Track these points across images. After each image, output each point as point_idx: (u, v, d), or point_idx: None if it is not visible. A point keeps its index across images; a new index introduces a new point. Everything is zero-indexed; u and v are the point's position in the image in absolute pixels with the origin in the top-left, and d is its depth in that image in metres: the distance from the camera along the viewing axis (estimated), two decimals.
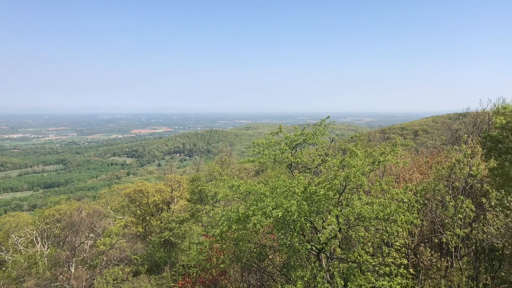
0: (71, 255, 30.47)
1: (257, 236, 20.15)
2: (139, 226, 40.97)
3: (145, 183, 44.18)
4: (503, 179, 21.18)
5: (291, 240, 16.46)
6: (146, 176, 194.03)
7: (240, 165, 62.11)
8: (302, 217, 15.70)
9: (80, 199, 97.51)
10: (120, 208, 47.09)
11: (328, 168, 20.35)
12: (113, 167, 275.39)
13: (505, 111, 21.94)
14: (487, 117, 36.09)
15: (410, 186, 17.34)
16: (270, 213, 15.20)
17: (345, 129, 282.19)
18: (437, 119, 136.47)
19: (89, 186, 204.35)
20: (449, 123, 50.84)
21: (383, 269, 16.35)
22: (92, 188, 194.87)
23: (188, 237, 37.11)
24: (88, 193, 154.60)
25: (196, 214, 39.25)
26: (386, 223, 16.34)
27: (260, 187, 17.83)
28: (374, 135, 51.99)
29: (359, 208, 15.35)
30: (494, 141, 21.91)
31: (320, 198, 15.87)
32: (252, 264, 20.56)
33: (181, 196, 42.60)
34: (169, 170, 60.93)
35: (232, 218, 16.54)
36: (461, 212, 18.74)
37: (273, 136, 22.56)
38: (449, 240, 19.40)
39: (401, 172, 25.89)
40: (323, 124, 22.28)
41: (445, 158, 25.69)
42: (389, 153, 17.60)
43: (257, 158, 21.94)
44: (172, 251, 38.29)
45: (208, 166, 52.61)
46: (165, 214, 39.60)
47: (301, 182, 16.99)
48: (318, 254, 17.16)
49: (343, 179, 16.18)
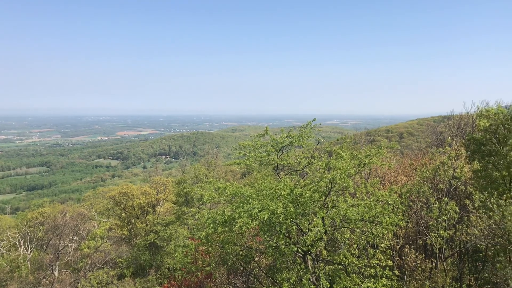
0: (55, 259, 30.07)
1: (243, 239, 20.09)
2: (124, 229, 40.60)
3: (130, 185, 43.86)
4: (486, 181, 21.48)
5: (277, 242, 16.44)
6: (132, 178, 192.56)
7: (227, 167, 62.02)
8: (288, 219, 15.70)
9: (64, 201, 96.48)
10: (105, 210, 46.62)
11: (314, 170, 20.40)
12: (98, 170, 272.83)
13: (488, 114, 22.26)
14: (471, 120, 36.52)
15: (395, 188, 17.47)
16: (256, 215, 15.17)
17: (331, 132, 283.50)
18: (422, 122, 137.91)
19: (73, 189, 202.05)
20: (433, 125, 51.38)
21: (368, 270, 16.44)
22: (76, 190, 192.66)
23: (174, 240, 36.92)
24: (72, 196, 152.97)
25: (182, 217, 39.06)
26: (371, 225, 16.43)
27: (246, 189, 17.79)
28: (360, 137, 52.35)
29: (345, 210, 15.40)
30: (477, 143, 22.21)
31: (306, 200, 15.90)
32: (238, 267, 20.50)
33: (166, 198, 42.36)
34: (154, 173, 60.65)
35: (218, 221, 16.48)
36: (445, 214, 18.92)
37: (259, 138, 22.54)
38: (433, 241, 19.57)
39: (386, 174, 26.08)
40: (309, 127, 22.35)
41: (430, 160, 25.93)
42: (374, 156, 17.71)
43: (243, 160, 21.91)
44: (158, 254, 38.06)
45: (194, 168, 52.40)
46: (151, 217, 39.33)
47: (287, 184, 17.00)
48: (304, 256, 17.17)
49: (329, 181, 16.22)
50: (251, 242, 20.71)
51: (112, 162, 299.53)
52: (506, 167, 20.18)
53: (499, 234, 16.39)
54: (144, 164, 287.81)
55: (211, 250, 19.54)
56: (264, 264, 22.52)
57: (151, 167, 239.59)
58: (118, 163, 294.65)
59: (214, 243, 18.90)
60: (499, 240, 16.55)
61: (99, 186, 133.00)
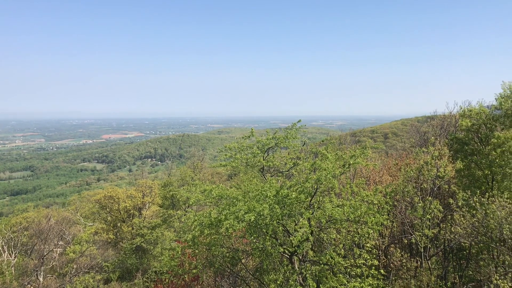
0: (40, 264, 29.72)
1: (229, 241, 20.08)
2: (110, 233, 40.30)
3: (115, 189, 43.53)
4: (469, 180, 21.80)
5: (264, 243, 16.47)
6: (117, 181, 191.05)
7: (213, 169, 61.89)
8: (275, 220, 15.74)
9: (49, 206, 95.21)
10: (90, 214, 46.24)
11: (299, 171, 20.49)
12: (83, 173, 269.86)
13: (470, 114, 22.60)
14: (453, 120, 37.01)
15: (380, 188, 17.60)
16: (243, 217, 15.17)
17: (317, 133, 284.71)
18: (406, 122, 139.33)
19: (58, 193, 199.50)
20: (417, 125, 51.90)
21: (354, 270, 16.55)
22: (61, 194, 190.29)
23: (160, 243, 36.75)
24: (57, 200, 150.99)
25: (168, 220, 38.92)
26: (357, 225, 16.56)
27: (233, 191, 17.81)
28: (345, 138, 52.61)
29: (330, 210, 15.47)
30: (460, 143, 22.54)
31: (292, 201, 15.95)
32: (225, 269, 20.47)
33: (152, 201, 42.15)
34: (140, 176, 60.31)
35: (205, 223, 16.45)
36: (430, 213, 19.13)
37: (245, 140, 22.59)
38: (418, 240, 19.77)
39: (371, 174, 26.28)
40: (294, 128, 22.46)
41: (414, 160, 26.20)
42: (359, 156, 17.84)
43: (229, 162, 21.93)
44: (144, 258, 37.83)
45: (180, 171, 52.25)
46: (137, 220, 39.08)
47: (273, 186, 17.05)
48: (291, 257, 17.23)
49: (314, 182, 16.30)
50: (238, 244, 20.72)
51: (97, 165, 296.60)
52: (488, 166, 20.50)
53: (482, 232, 16.65)
54: (130, 167, 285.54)
55: (197, 253, 19.49)
56: (251, 265, 22.54)
57: (136, 170, 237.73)
58: (103, 167, 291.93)
59: (201, 246, 18.85)
60: (482, 238, 16.80)
61: (84, 190, 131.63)
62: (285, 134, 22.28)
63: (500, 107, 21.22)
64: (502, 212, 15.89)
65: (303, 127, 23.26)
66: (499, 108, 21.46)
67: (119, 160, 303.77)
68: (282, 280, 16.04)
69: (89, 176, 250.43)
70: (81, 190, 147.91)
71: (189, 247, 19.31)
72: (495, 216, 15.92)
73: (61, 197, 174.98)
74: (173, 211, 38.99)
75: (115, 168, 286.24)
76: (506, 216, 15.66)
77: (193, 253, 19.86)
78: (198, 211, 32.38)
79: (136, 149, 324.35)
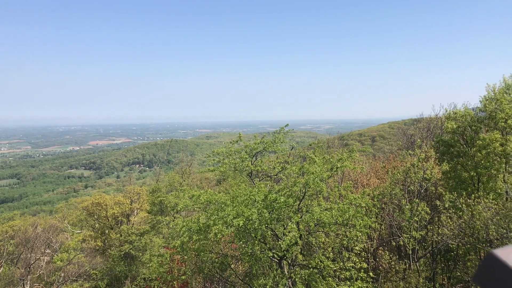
0: (26, 273, 29.29)
1: (218, 246, 20.03)
2: (98, 240, 39.90)
3: (103, 195, 43.14)
4: (455, 181, 22.02)
5: (253, 248, 16.45)
6: (105, 188, 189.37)
7: (201, 174, 61.71)
8: (263, 225, 15.73)
9: (36, 214, 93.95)
10: (78, 222, 45.74)
11: (288, 175, 20.51)
12: (70, 180, 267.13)
13: (456, 116, 22.86)
14: (440, 122, 37.36)
15: (367, 191, 17.69)
16: (231, 222, 15.14)
17: (305, 136, 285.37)
18: (393, 125, 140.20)
19: (45, 200, 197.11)
20: (404, 128, 52.39)
21: (344, 273, 16.60)
22: (48, 202, 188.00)
23: (149, 250, 36.46)
24: (44, 208, 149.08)
25: (157, 226, 38.66)
26: (345, 228, 16.61)
27: (221, 196, 17.76)
28: (333, 141, 52.83)
29: (319, 214, 15.51)
30: (446, 145, 22.78)
31: (280, 206, 15.96)
32: (214, 274, 20.39)
33: (141, 208, 41.85)
34: (128, 182, 59.88)
35: (193, 229, 16.38)
36: (417, 215, 19.26)
37: (233, 145, 22.57)
38: (406, 242, 19.88)
39: (359, 177, 26.42)
40: (282, 132, 22.50)
41: (401, 162, 26.40)
42: (347, 159, 17.93)
43: (217, 167, 21.89)
44: (133, 265, 37.49)
45: (169, 176, 51.95)
46: (125, 227, 38.76)
47: (262, 190, 17.04)
48: (280, 262, 17.22)
49: (302, 185, 16.33)
50: (227, 249, 20.68)
51: (84, 172, 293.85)
52: (474, 167, 20.74)
53: (469, 233, 16.81)
54: (118, 174, 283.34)
55: (186, 259, 19.41)
56: (240, 270, 22.48)
57: (124, 176, 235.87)
58: (91, 173, 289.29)
59: (190, 252, 18.77)
60: (469, 239, 16.97)
61: (71, 197, 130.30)
62: (273, 138, 22.31)
63: (485, 109, 21.49)
64: (488, 213, 16.07)
65: (291, 131, 23.32)
66: (483, 110, 21.74)
67: (106, 166, 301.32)
68: (271, 284, 16.01)
69: (77, 183, 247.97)
70: (68, 197, 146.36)
71: (178, 253, 19.21)
72: (481, 217, 16.09)
73: (48, 204, 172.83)
74: (162, 217, 38.73)
75: (102, 175, 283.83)
76: (491, 217, 15.84)
77: (182, 259, 19.79)
78: (186, 216, 32.26)
79: (124, 155, 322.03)
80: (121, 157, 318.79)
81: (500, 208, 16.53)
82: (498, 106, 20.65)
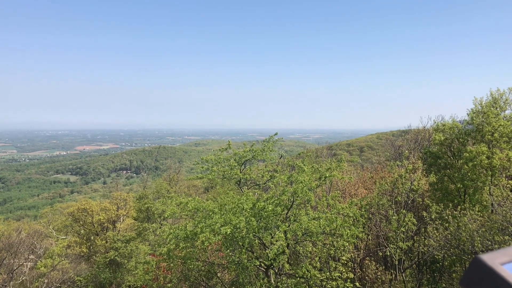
0: (8, 279, 28.82)
1: (205, 254, 19.91)
2: (83, 246, 39.44)
3: (89, 201, 42.74)
4: (442, 193, 22.21)
5: (240, 257, 16.37)
6: (91, 194, 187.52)
7: (189, 182, 61.41)
8: (251, 233, 15.68)
9: (20, 219, 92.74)
10: (63, 227, 45.19)
11: (276, 184, 20.51)
12: (56, 185, 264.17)
13: (444, 128, 23.11)
14: (427, 134, 37.74)
15: (355, 201, 17.75)
16: (219, 230, 15.07)
17: (294, 146, 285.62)
18: (382, 136, 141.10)
19: (29, 205, 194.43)
20: (392, 139, 52.81)
21: (330, 283, 16.57)
22: (33, 207, 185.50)
23: (135, 257, 36.13)
24: (28, 213, 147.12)
25: (143, 233, 38.37)
26: (332, 238, 16.63)
27: (209, 204, 17.70)
28: (321, 151, 53.10)
29: (307, 223, 15.51)
30: (433, 157, 23.00)
31: (268, 214, 15.93)
32: (200, 283, 20.24)
33: (127, 214, 41.50)
34: (115, 188, 59.43)
35: (180, 236, 16.27)
36: (404, 225, 19.36)
37: (222, 153, 22.55)
38: (392, 253, 19.95)
39: (347, 187, 26.51)
40: (271, 141, 22.55)
41: (388, 173, 26.54)
42: (335, 169, 17.99)
43: (206, 175, 21.83)
44: (118, 272, 37.10)
45: (156, 183, 51.68)
46: (111, 233, 38.39)
47: (250, 198, 17.01)
48: (267, 271, 17.16)
49: (290, 194, 16.33)
50: (214, 257, 20.55)
51: (71, 177, 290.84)
52: (460, 179, 20.94)
53: (455, 245, 16.92)
54: (104, 180, 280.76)
55: (172, 266, 19.25)
56: (227, 279, 22.33)
57: (111, 182, 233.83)
58: (77, 179, 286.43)
59: (176, 259, 18.62)
60: (455, 251, 17.08)
61: (57, 202, 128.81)
62: (262, 146, 22.35)
63: (472, 122, 21.76)
64: (474, 224, 16.21)
65: (280, 140, 23.40)
66: (471, 123, 22.00)
67: (93, 172, 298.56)
68: None
69: (63, 188, 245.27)
70: (54, 203, 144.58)
71: (164, 261, 19.06)
72: (467, 228, 16.22)
73: (33, 209, 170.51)
74: (148, 224, 38.46)
75: (89, 180, 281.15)
76: (477, 228, 15.97)
77: (168, 267, 19.61)
78: (173, 224, 32.05)
79: (111, 161, 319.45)
80: (108, 163, 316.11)
81: (485, 220, 16.69)
82: (485, 119, 20.92)
